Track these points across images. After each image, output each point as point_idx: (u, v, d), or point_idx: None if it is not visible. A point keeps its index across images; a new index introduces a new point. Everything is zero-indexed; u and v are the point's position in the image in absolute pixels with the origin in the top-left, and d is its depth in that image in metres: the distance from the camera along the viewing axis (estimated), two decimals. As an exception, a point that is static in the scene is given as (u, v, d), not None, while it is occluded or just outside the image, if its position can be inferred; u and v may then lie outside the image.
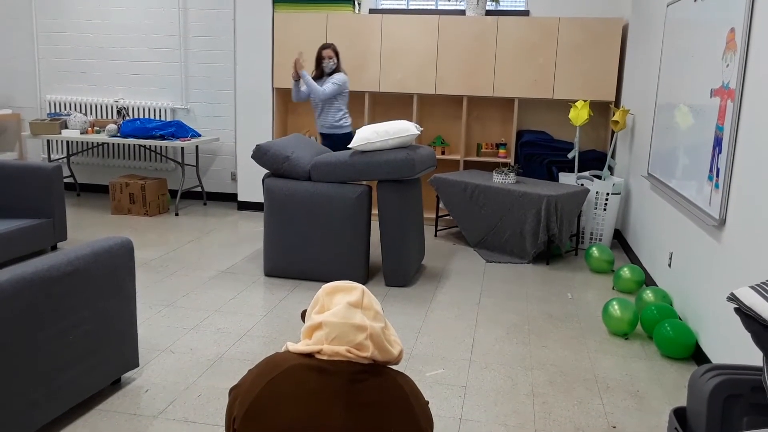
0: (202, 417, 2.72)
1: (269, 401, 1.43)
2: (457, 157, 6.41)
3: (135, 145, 7.20)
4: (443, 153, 6.52)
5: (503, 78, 6.12)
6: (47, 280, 2.38)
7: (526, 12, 6.36)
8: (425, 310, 4.08)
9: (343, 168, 4.37)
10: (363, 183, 4.53)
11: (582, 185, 5.53)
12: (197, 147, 6.97)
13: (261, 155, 4.50)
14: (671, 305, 3.85)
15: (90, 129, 6.59)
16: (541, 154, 6.22)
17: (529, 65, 6.05)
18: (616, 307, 3.71)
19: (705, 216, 3.32)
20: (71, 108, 7.24)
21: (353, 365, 1.47)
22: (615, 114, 5.55)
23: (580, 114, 5.52)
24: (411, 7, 6.70)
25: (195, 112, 7.05)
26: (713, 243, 3.29)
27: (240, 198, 6.82)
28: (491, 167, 6.50)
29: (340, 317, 1.48)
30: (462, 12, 6.41)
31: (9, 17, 7.23)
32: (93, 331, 2.65)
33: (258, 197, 6.77)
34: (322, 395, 1.43)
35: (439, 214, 6.06)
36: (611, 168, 6.08)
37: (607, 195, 5.50)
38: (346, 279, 4.27)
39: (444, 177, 5.69)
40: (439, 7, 6.64)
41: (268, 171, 4.87)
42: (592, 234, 5.63)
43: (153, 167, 7.25)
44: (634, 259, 5.22)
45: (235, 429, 1.45)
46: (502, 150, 6.37)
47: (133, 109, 7.10)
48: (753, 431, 1.77)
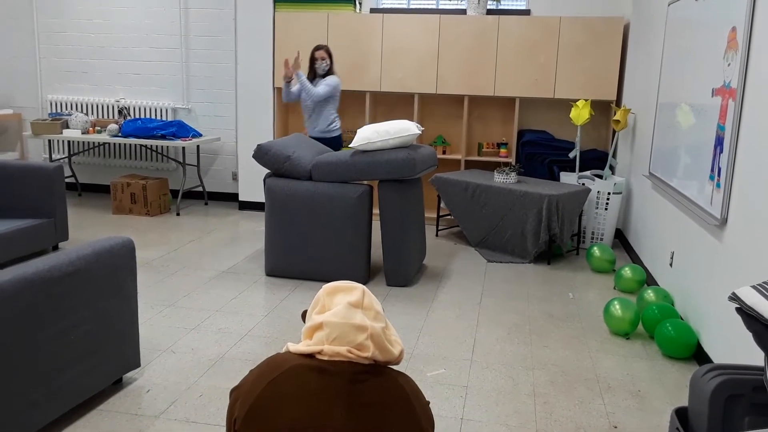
0: (203, 417, 2.72)
1: (270, 402, 1.42)
2: (458, 157, 6.41)
3: (136, 145, 7.21)
4: (444, 152, 6.52)
5: (504, 77, 6.11)
6: (48, 280, 2.38)
7: (527, 11, 6.35)
8: (426, 310, 4.08)
9: (344, 168, 4.37)
10: (364, 183, 4.53)
11: (583, 185, 5.53)
12: (198, 147, 6.98)
13: (262, 155, 4.50)
14: (672, 305, 3.85)
15: (91, 129, 6.59)
16: (543, 153, 6.22)
17: (530, 64, 6.04)
18: (617, 307, 3.71)
19: (706, 215, 3.31)
20: (72, 108, 7.25)
21: (354, 365, 1.47)
22: (616, 113, 5.55)
23: (581, 113, 5.51)
24: (412, 7, 6.70)
25: (196, 111, 7.05)
26: (715, 242, 3.28)
27: (241, 198, 6.83)
28: (492, 167, 6.49)
29: (340, 317, 1.48)
30: (463, 11, 6.41)
31: (10, 17, 7.24)
32: (94, 331, 2.65)
33: (259, 197, 6.77)
34: (323, 396, 1.42)
35: (441, 213, 6.06)
36: (612, 167, 6.07)
37: (609, 194, 5.50)
38: (347, 279, 4.28)
39: (445, 176, 5.68)
40: (440, 7, 6.64)
41: (269, 171, 4.87)
42: (593, 233, 5.62)
43: (154, 167, 7.25)
44: (635, 259, 5.21)
45: (236, 430, 1.45)
46: (503, 149, 6.36)
47: (135, 109, 7.11)
48: (754, 431, 1.77)
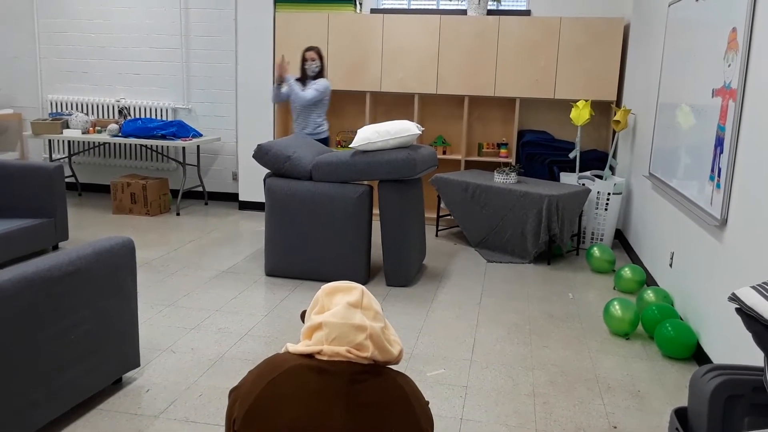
0: (203, 417, 2.72)
1: (269, 402, 1.43)
2: (459, 157, 6.41)
3: (136, 145, 7.21)
4: (444, 153, 6.52)
5: (504, 78, 6.11)
6: (48, 279, 2.38)
7: (527, 12, 6.35)
8: (426, 310, 4.08)
9: (345, 168, 4.37)
10: (364, 183, 4.53)
11: (583, 185, 5.53)
12: (198, 147, 6.98)
13: (262, 155, 4.50)
14: (672, 305, 3.85)
15: (91, 129, 6.59)
16: (543, 153, 6.22)
17: (531, 65, 6.04)
18: (617, 307, 3.71)
19: (706, 216, 3.31)
20: (73, 108, 7.25)
21: (353, 365, 1.47)
22: (616, 114, 5.55)
23: (581, 114, 5.51)
24: (412, 7, 6.70)
25: (196, 111, 7.05)
26: (714, 243, 3.28)
27: (241, 198, 6.83)
28: (492, 167, 6.49)
29: (339, 318, 1.48)
30: (463, 12, 6.41)
31: (11, 17, 7.24)
32: (94, 331, 2.65)
33: (259, 197, 6.77)
34: (322, 396, 1.43)
35: (441, 214, 6.06)
36: (612, 168, 6.07)
37: (609, 195, 5.50)
38: (347, 279, 4.27)
39: (445, 177, 5.68)
40: (441, 7, 6.64)
41: (269, 171, 4.87)
42: (593, 234, 5.62)
43: (154, 167, 7.26)
44: (635, 259, 5.21)
45: (236, 430, 1.45)
46: (503, 150, 6.36)
47: (135, 109, 7.11)
48: (754, 432, 1.77)
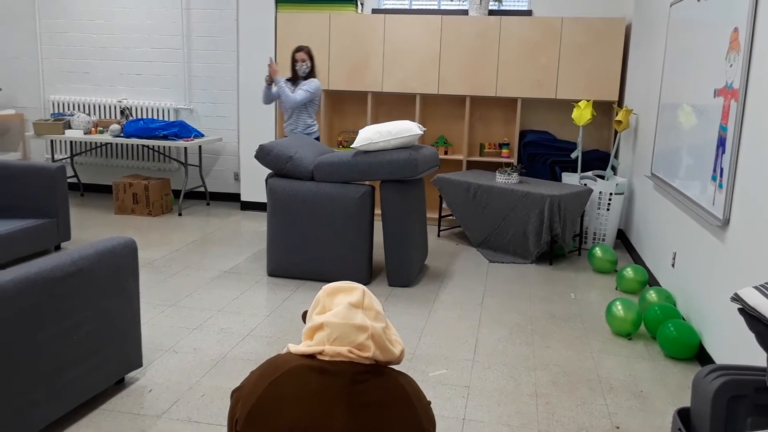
0: (205, 417, 2.73)
1: (271, 402, 1.43)
2: (460, 157, 6.41)
3: (138, 146, 7.22)
4: (446, 153, 6.51)
5: (506, 78, 6.11)
6: (51, 280, 2.38)
7: (528, 12, 6.35)
8: (428, 310, 4.08)
9: (346, 168, 4.37)
10: (366, 183, 4.53)
11: (585, 185, 5.52)
12: (200, 147, 6.99)
13: (264, 155, 4.50)
14: (675, 305, 3.84)
15: (93, 129, 6.60)
16: (544, 154, 6.21)
17: (532, 65, 6.04)
18: (619, 308, 3.70)
19: (708, 216, 3.31)
20: (74, 108, 7.26)
21: (355, 366, 1.47)
22: (618, 114, 5.54)
23: (583, 114, 5.51)
24: (414, 7, 6.70)
25: (198, 112, 7.06)
26: (717, 243, 3.28)
27: (243, 198, 6.83)
28: (494, 167, 6.49)
29: (341, 318, 1.48)
30: (465, 12, 6.41)
31: (12, 18, 7.25)
32: (96, 331, 2.66)
33: (261, 197, 6.78)
34: (323, 396, 1.43)
35: (442, 214, 6.06)
36: (614, 168, 6.07)
37: (611, 195, 5.49)
38: (349, 279, 4.27)
39: (447, 177, 5.68)
40: (442, 7, 6.64)
41: (271, 171, 4.87)
42: (595, 234, 5.62)
43: (156, 167, 7.26)
44: (637, 259, 5.21)
45: (238, 430, 1.45)
46: (505, 150, 6.36)
47: (137, 109, 7.12)
48: (757, 432, 1.77)
